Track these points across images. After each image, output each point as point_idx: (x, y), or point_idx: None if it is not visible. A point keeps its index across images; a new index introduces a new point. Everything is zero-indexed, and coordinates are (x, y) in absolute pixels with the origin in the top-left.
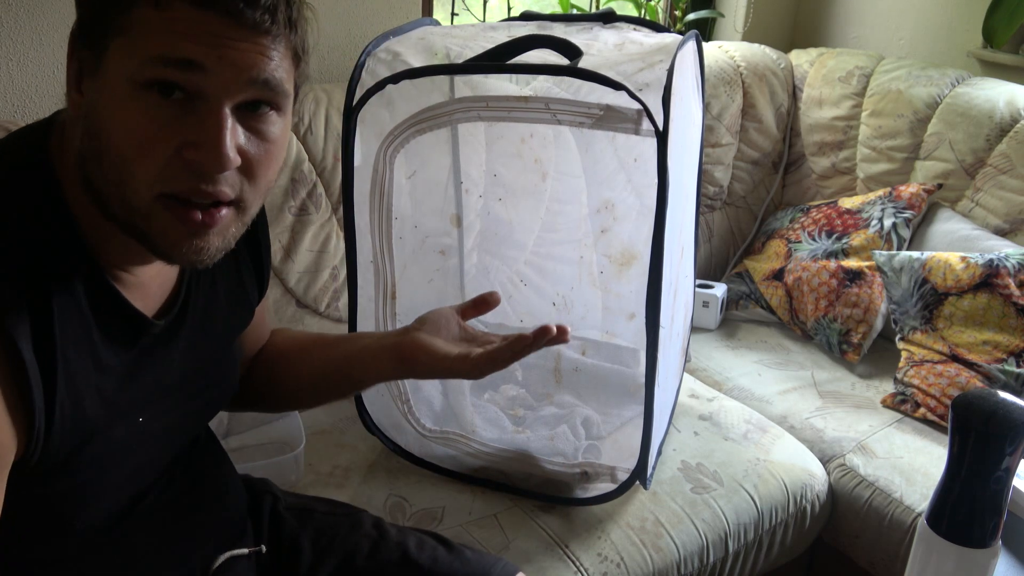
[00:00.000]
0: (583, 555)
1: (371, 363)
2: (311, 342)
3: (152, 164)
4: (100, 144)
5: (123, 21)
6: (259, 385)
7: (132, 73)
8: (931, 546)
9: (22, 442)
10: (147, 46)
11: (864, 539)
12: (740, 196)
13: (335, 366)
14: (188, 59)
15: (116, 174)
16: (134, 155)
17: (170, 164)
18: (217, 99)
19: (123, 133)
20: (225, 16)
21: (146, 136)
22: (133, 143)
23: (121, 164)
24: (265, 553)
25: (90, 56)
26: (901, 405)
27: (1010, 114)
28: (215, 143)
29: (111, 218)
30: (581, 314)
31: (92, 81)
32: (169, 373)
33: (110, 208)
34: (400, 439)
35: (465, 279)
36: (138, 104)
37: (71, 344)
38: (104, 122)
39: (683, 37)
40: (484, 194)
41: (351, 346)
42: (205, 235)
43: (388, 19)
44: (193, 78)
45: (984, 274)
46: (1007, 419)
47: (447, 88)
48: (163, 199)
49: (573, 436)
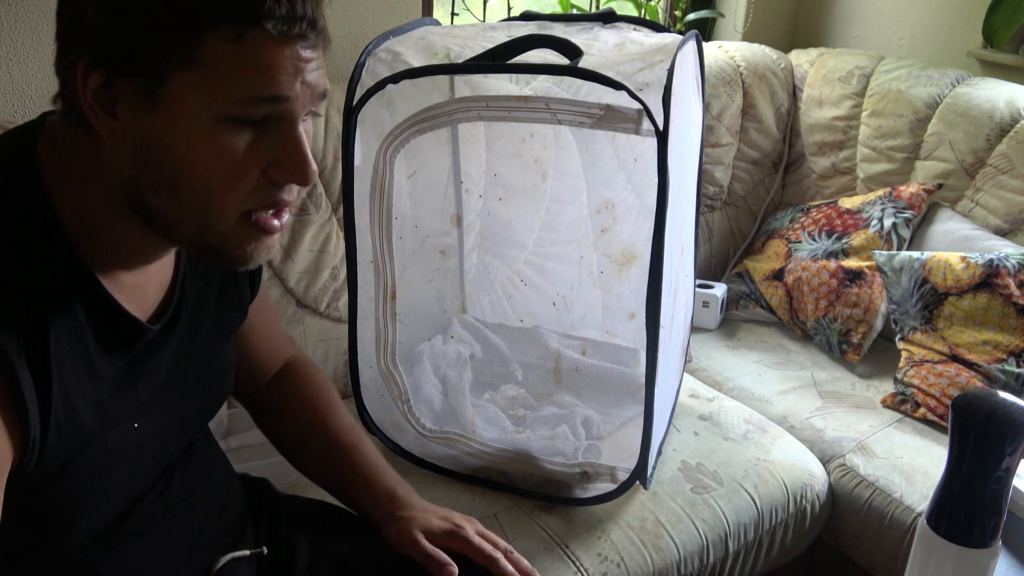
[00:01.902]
0: (583, 555)
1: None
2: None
3: (242, 189)
4: (175, 176)
5: (189, 54)
6: (267, 425)
7: (213, 109)
8: (931, 546)
9: (18, 452)
10: (232, 84)
11: (864, 539)
12: (740, 196)
13: (334, 479)
14: (280, 94)
15: (201, 203)
16: (223, 184)
17: (257, 184)
18: (295, 118)
19: (209, 165)
20: (300, 41)
21: (233, 164)
22: (222, 174)
23: (207, 194)
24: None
25: (132, 85)
26: (901, 405)
27: (1010, 114)
28: (301, 160)
29: (169, 238)
30: (581, 314)
31: (144, 113)
32: (162, 377)
33: (176, 232)
34: (400, 439)
35: (465, 279)
36: (223, 137)
37: (66, 354)
38: (181, 156)
39: (683, 37)
40: (484, 194)
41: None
42: (274, 237)
43: (388, 19)
44: (280, 107)
45: (984, 274)
46: (1007, 419)
47: (447, 88)
48: (245, 216)
49: (573, 436)
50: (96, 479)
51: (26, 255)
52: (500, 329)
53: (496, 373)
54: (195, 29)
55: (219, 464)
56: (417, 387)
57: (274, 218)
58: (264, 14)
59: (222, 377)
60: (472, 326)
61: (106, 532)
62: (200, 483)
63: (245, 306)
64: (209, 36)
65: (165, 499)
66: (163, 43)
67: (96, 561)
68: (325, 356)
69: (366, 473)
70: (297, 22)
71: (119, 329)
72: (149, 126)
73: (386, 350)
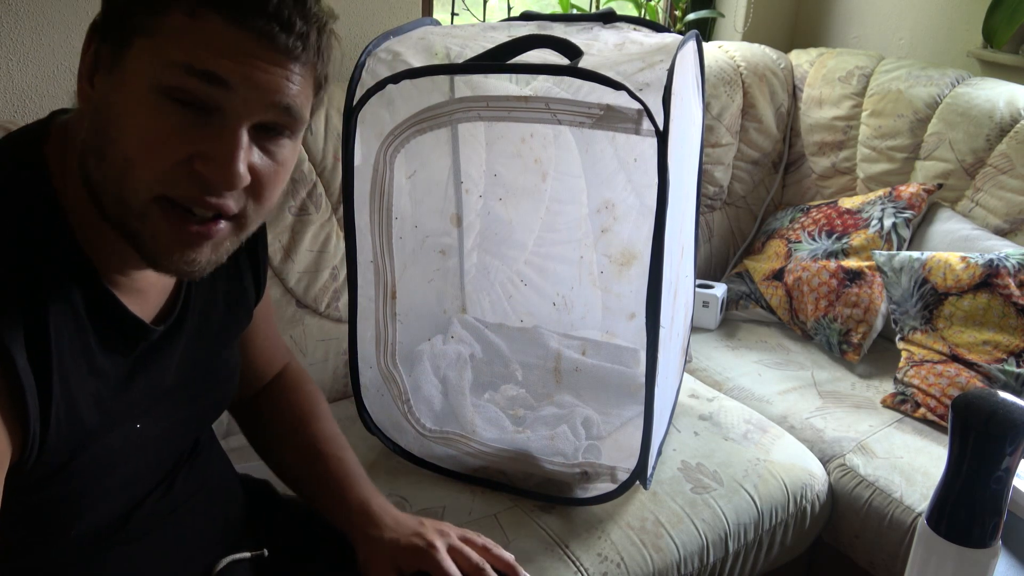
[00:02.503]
0: (583, 555)
1: (337, 518)
2: (306, 450)
3: (157, 166)
4: (105, 139)
5: (152, 22)
6: (252, 431)
7: (153, 76)
8: (931, 546)
9: (17, 448)
10: (173, 52)
11: (864, 539)
12: (740, 196)
13: (309, 486)
14: (213, 73)
15: (117, 171)
16: (139, 155)
17: (176, 170)
18: (236, 117)
19: (132, 132)
20: (258, 37)
21: (156, 139)
22: (141, 143)
23: (124, 162)
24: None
25: (108, 51)
26: (901, 405)
27: (1010, 114)
28: (228, 160)
29: (106, 218)
30: (581, 314)
31: (107, 76)
32: (166, 378)
33: (105, 207)
34: (400, 439)
35: (465, 279)
36: (153, 107)
37: (67, 350)
38: (114, 118)
39: (683, 37)
40: (484, 194)
41: (333, 488)
42: (199, 246)
43: (388, 19)
44: (215, 93)
45: (984, 274)
46: (1007, 419)
47: (447, 88)
48: (161, 202)
49: (573, 436)
50: (97, 478)
51: (28, 252)
52: (500, 329)
53: (496, 373)
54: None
55: (222, 466)
56: (417, 387)
57: (194, 220)
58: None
59: (227, 380)
60: (472, 326)
61: (107, 532)
62: (203, 485)
63: (251, 309)
64: (172, 8)
65: (168, 500)
66: (135, 8)
67: (96, 561)
68: (325, 356)
69: (341, 482)
70: (264, 17)
71: (121, 328)
72: (107, 90)
73: (386, 350)
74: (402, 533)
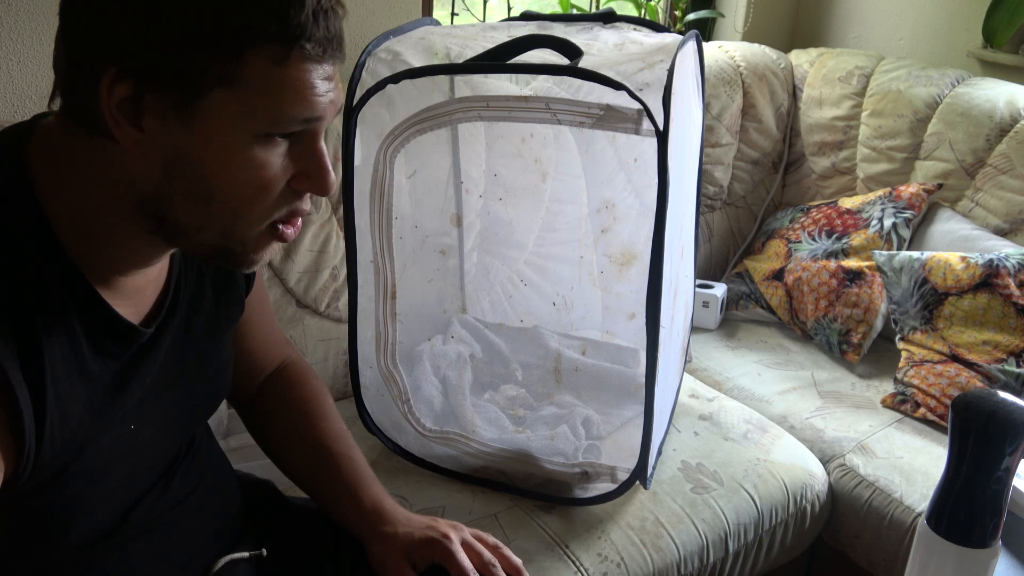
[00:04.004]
0: (583, 555)
1: (349, 517)
2: (315, 448)
3: (268, 200)
4: (207, 188)
5: (230, 72)
6: (258, 429)
7: (249, 129)
8: (931, 546)
9: (12, 462)
10: (268, 104)
11: (864, 539)
12: (740, 196)
13: (319, 485)
14: (313, 116)
15: (231, 213)
16: (256, 196)
17: (280, 195)
18: (320, 132)
19: (244, 179)
20: (332, 61)
21: (266, 180)
22: (257, 187)
23: (238, 204)
24: (266, 556)
25: (166, 99)
26: (901, 405)
27: (1010, 114)
28: (324, 173)
29: (180, 243)
30: (581, 314)
31: (173, 124)
32: (157, 377)
33: (194, 238)
34: (400, 439)
35: (465, 279)
36: (260, 153)
37: (59, 359)
38: (215, 170)
39: (683, 37)
40: (484, 194)
41: (344, 488)
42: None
43: (388, 19)
44: (312, 124)
45: (984, 274)
46: (1007, 419)
47: (447, 88)
48: (270, 226)
49: (573, 436)
50: (93, 481)
51: (16, 261)
52: (500, 329)
53: (496, 373)
54: (239, 48)
55: (219, 465)
56: (417, 387)
57: (290, 227)
58: (306, 36)
59: (219, 373)
60: (472, 326)
61: (105, 533)
62: (200, 484)
63: (242, 300)
64: (251, 55)
65: (165, 500)
66: (204, 60)
67: (95, 562)
68: (325, 356)
69: (352, 482)
70: (330, 42)
71: (113, 333)
72: (183, 140)
73: (386, 350)
74: (415, 527)
